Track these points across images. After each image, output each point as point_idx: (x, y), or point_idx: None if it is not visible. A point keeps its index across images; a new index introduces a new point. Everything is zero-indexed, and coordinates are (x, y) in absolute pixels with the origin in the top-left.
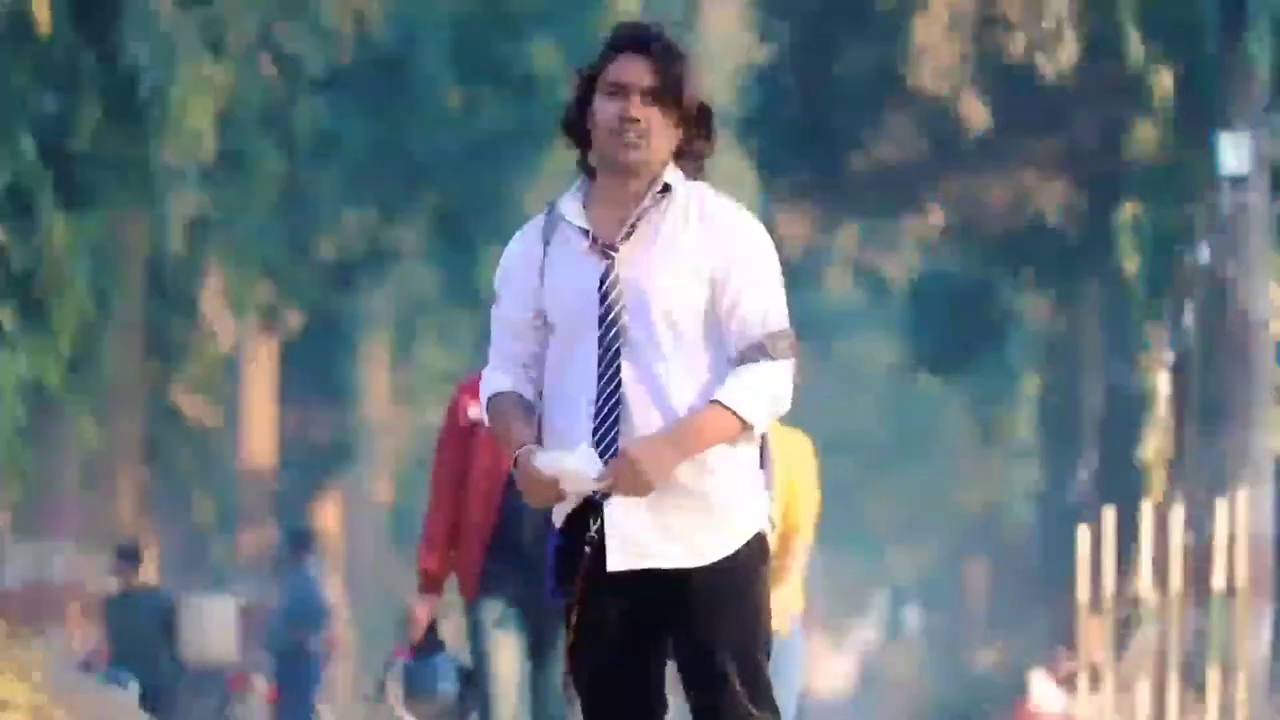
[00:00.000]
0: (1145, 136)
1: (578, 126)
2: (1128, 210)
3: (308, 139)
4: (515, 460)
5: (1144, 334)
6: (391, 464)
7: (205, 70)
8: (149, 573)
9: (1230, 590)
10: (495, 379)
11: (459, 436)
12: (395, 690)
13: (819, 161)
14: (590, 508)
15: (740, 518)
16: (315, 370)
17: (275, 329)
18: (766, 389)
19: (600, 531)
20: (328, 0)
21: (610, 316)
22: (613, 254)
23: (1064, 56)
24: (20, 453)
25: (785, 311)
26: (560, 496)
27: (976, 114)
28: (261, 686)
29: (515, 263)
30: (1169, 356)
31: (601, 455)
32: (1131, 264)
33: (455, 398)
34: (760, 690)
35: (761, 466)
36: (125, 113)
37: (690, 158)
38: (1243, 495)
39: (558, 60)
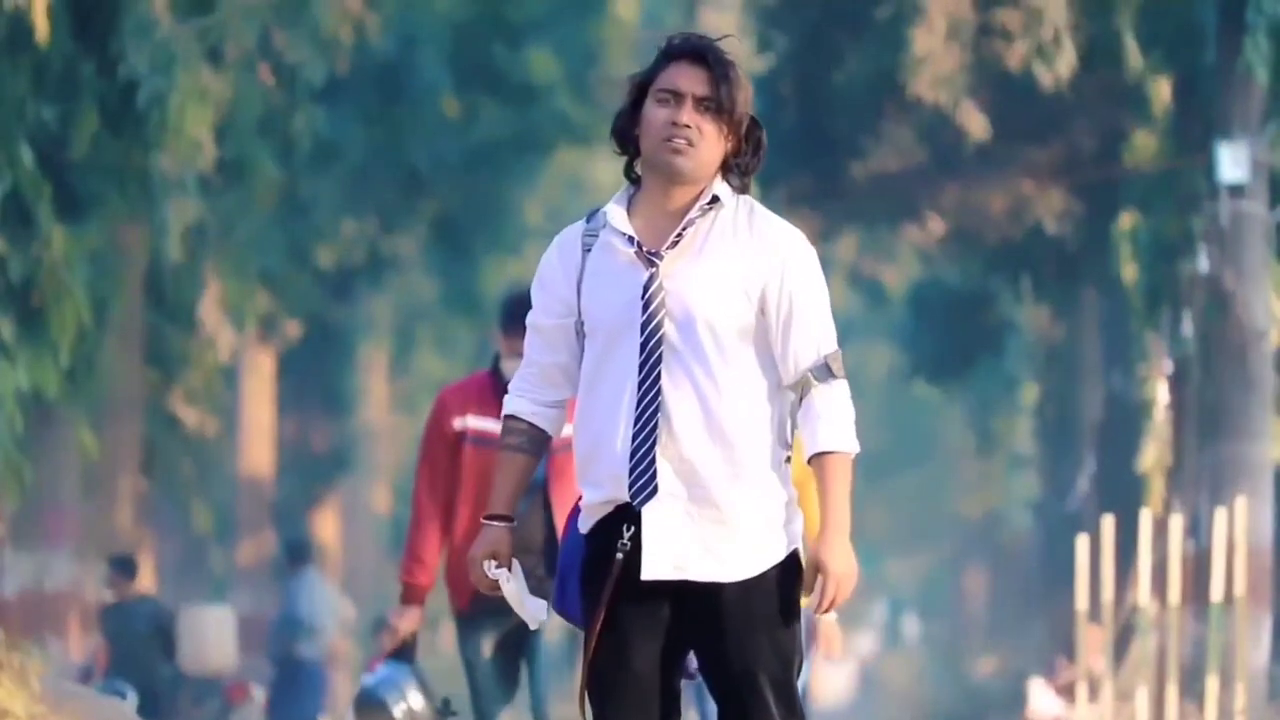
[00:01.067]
0: (1144, 145)
1: (627, 133)
2: (1126, 219)
3: (306, 148)
4: (484, 521)
5: (1143, 343)
6: (390, 473)
7: (204, 79)
8: (147, 582)
9: (1229, 599)
10: (515, 403)
11: (445, 446)
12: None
13: (818, 170)
14: (622, 515)
15: (775, 535)
16: (314, 379)
17: (274, 338)
18: (846, 414)
19: (634, 539)
20: (326, 9)
21: (653, 324)
22: (657, 262)
23: (1062, 66)
24: (18, 462)
25: (833, 327)
26: (491, 590)
27: (975, 123)
28: (260, 696)
29: (552, 270)
30: (1168, 365)
31: (639, 463)
32: (1130, 273)
33: (438, 406)
34: (793, 707)
35: None
36: (124, 122)
37: (737, 171)
38: (1242, 504)
39: (556, 68)
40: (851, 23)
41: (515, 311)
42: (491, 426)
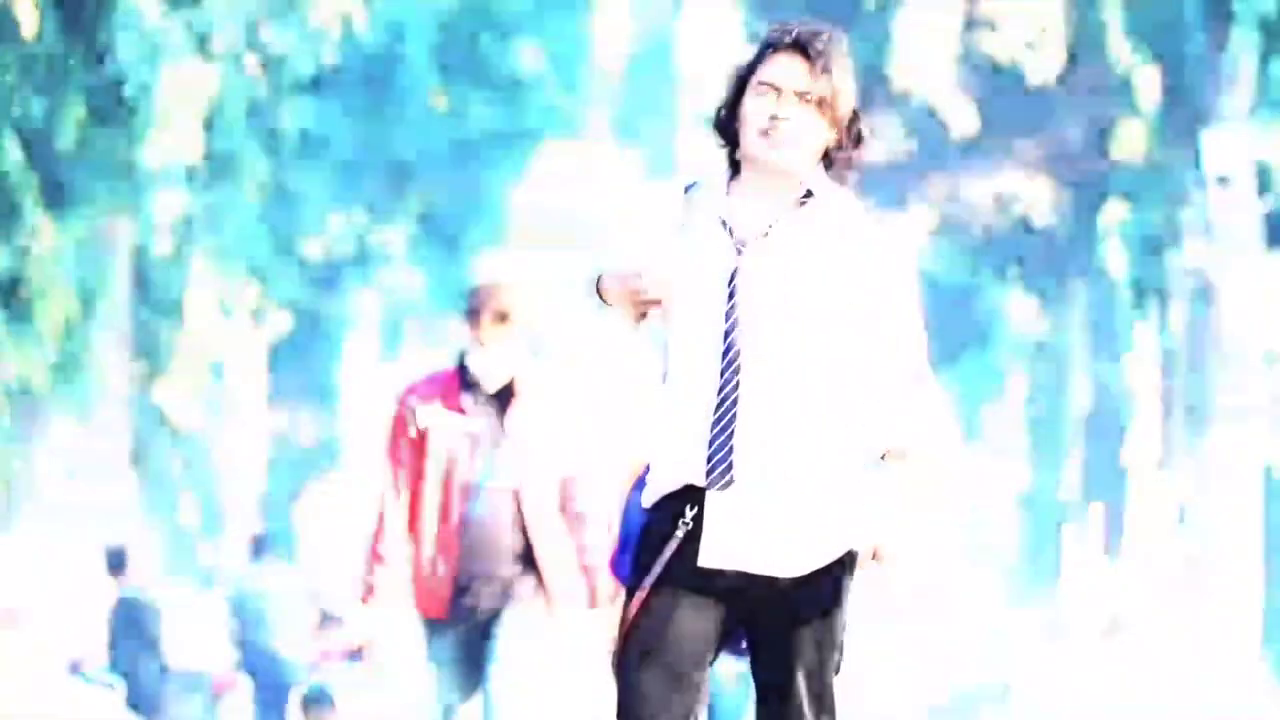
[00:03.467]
0: (1131, 137)
1: (727, 126)
2: (1114, 210)
3: (294, 140)
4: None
5: (1130, 334)
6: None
7: (191, 72)
8: (139, 575)
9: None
10: None
11: (410, 442)
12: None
13: None
14: (686, 494)
15: (840, 529)
16: (301, 371)
17: (261, 330)
18: (934, 413)
19: (696, 519)
20: (314, 2)
21: (735, 315)
22: (744, 253)
23: (1050, 58)
24: (6, 454)
25: (923, 327)
26: (642, 308)
27: (963, 115)
28: (247, 687)
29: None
30: (1155, 356)
31: (716, 452)
32: (1118, 264)
33: (400, 404)
34: (825, 706)
35: None
36: (111, 114)
37: (839, 163)
38: (1228, 494)
39: (543, 61)
40: (839, 14)
41: (478, 303)
42: (456, 422)
